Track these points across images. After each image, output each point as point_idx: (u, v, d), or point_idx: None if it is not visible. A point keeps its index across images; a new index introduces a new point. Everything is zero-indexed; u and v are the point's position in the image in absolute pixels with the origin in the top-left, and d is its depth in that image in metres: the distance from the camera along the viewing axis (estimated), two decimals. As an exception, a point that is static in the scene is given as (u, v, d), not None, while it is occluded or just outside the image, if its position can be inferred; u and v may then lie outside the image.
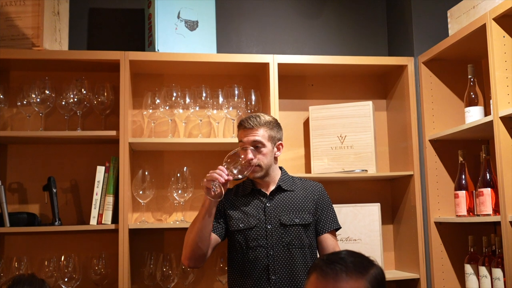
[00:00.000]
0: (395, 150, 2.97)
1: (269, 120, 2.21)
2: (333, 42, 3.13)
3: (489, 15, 2.24)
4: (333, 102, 2.95)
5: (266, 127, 2.18)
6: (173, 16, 2.73)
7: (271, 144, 2.19)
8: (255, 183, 2.24)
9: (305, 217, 2.18)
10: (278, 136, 2.23)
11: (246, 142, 2.16)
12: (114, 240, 2.53)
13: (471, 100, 2.51)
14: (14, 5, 2.56)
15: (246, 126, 2.17)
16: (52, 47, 2.61)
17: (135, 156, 2.78)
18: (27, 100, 2.62)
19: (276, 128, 2.22)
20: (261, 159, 2.16)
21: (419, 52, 2.83)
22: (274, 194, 2.22)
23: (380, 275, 1.39)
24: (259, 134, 2.16)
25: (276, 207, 2.19)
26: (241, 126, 2.20)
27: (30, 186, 2.72)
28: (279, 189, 2.23)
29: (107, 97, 2.68)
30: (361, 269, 1.36)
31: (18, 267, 2.50)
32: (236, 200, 2.24)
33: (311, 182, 2.30)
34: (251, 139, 2.15)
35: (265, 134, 2.17)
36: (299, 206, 2.20)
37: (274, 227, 2.15)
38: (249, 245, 2.14)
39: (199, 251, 2.10)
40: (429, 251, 2.71)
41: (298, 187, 2.26)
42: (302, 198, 2.23)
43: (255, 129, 2.16)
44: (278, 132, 2.23)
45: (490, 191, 2.37)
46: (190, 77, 2.87)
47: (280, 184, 2.23)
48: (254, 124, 2.16)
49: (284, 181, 2.25)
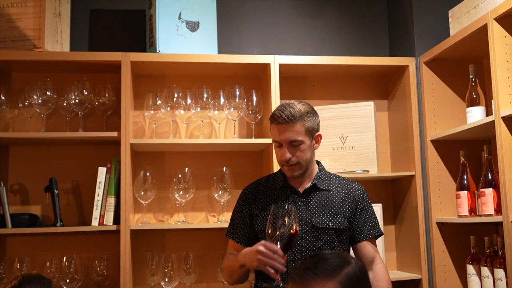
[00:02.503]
0: (396, 150, 2.97)
1: (305, 111, 1.96)
2: (334, 42, 3.13)
3: (490, 15, 2.23)
4: (334, 102, 2.95)
5: (302, 120, 1.94)
6: (174, 17, 2.73)
7: (310, 138, 1.97)
8: (287, 179, 2.06)
9: (340, 221, 2.00)
10: (316, 126, 2.00)
11: (283, 141, 1.94)
12: (116, 241, 2.53)
13: (472, 100, 2.51)
14: (16, 7, 2.57)
15: (280, 122, 1.93)
16: (54, 48, 2.61)
17: (137, 157, 2.78)
18: (28, 101, 2.62)
19: (313, 118, 1.98)
20: (299, 156, 1.95)
21: (421, 52, 2.83)
22: (308, 192, 2.03)
23: (355, 274, 1.34)
24: (295, 130, 1.93)
25: (309, 207, 2.01)
26: (274, 121, 1.97)
27: (31, 187, 2.73)
28: (314, 187, 2.04)
29: (109, 98, 2.68)
30: (331, 271, 1.33)
31: (20, 268, 2.51)
32: (264, 196, 2.07)
33: (351, 182, 2.12)
34: (288, 137, 1.93)
35: (301, 129, 1.94)
36: (334, 208, 2.01)
37: (305, 230, 1.97)
38: None
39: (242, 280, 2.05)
40: (431, 251, 2.70)
41: (336, 187, 2.07)
42: (338, 200, 2.04)
43: (290, 124, 1.92)
44: (315, 122, 1.99)
45: (492, 191, 2.37)
46: (191, 78, 2.87)
47: (316, 182, 2.04)
48: (289, 119, 1.92)
49: (320, 178, 2.06)
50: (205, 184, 2.80)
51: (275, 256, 1.74)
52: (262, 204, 2.06)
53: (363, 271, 1.37)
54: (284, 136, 1.94)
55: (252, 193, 2.10)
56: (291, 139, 1.94)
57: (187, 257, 2.63)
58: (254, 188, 2.12)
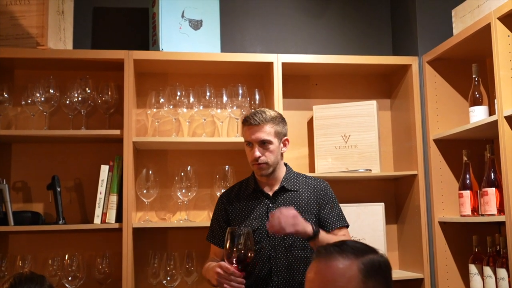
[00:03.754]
0: (399, 149, 2.97)
1: (275, 116, 2.15)
2: (337, 41, 3.13)
3: (493, 15, 2.23)
4: (337, 101, 2.95)
5: (272, 123, 2.12)
6: (177, 15, 2.73)
7: (278, 140, 2.14)
8: (257, 183, 2.21)
9: (307, 219, 2.10)
10: (284, 131, 2.18)
11: (253, 140, 2.11)
12: (118, 239, 2.53)
13: (475, 100, 2.50)
14: (19, 4, 2.57)
15: (252, 123, 2.11)
16: (57, 46, 2.61)
17: (139, 155, 2.78)
18: (31, 99, 2.62)
19: (281, 123, 2.17)
20: (268, 156, 2.11)
21: (424, 52, 2.82)
22: (277, 194, 2.18)
23: (379, 262, 1.32)
24: (265, 131, 2.10)
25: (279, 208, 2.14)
26: (246, 123, 2.14)
27: (34, 185, 2.73)
28: (282, 189, 2.19)
29: (111, 96, 2.68)
30: (357, 252, 1.32)
31: (22, 265, 2.51)
32: (238, 201, 2.21)
33: (315, 180, 2.25)
34: (258, 137, 2.10)
35: (271, 130, 2.12)
36: (302, 207, 2.15)
37: None
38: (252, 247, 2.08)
39: None
40: (433, 251, 2.70)
41: (302, 186, 2.21)
42: (305, 199, 2.18)
43: (261, 125, 2.10)
44: (283, 127, 2.18)
45: (494, 191, 2.36)
46: (194, 76, 2.87)
47: (284, 184, 2.19)
48: (260, 121, 2.10)
49: (288, 180, 2.21)
50: (207, 182, 2.80)
51: (231, 278, 1.91)
52: (236, 208, 2.21)
53: (387, 265, 1.35)
54: (255, 136, 2.11)
55: (227, 198, 2.24)
56: (262, 138, 2.11)
57: (189, 256, 2.63)
58: (229, 194, 2.27)
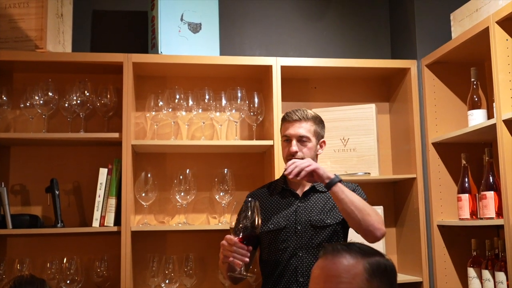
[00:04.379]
0: (398, 153, 2.97)
1: (315, 116, 2.16)
2: (336, 44, 3.13)
3: (492, 18, 2.23)
4: (336, 104, 2.95)
5: (312, 121, 2.13)
6: (176, 18, 2.73)
7: (316, 140, 2.13)
8: (287, 182, 2.18)
9: (336, 215, 2.09)
10: (322, 133, 2.18)
11: (293, 135, 2.10)
12: (117, 242, 2.52)
13: (474, 103, 2.51)
14: (18, 7, 2.57)
15: (293, 118, 2.11)
16: (56, 49, 2.61)
17: (138, 158, 2.78)
18: (30, 102, 2.62)
19: (321, 125, 2.17)
20: (305, 153, 2.09)
21: (422, 55, 2.83)
22: (307, 194, 2.15)
23: (385, 264, 1.31)
24: (305, 128, 2.10)
25: (308, 208, 2.12)
26: (287, 118, 2.14)
27: (32, 188, 2.73)
28: (313, 189, 2.16)
29: (110, 99, 2.68)
30: (364, 252, 1.31)
31: (20, 269, 2.50)
32: (266, 200, 2.19)
33: (346, 183, 2.20)
34: (298, 132, 2.09)
35: (311, 128, 2.11)
36: (330, 205, 2.12)
37: (304, 228, 2.09)
38: (279, 246, 2.08)
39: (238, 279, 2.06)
40: (432, 254, 2.70)
41: None
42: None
43: (302, 121, 2.10)
44: (322, 129, 2.18)
45: (493, 194, 2.36)
46: (193, 80, 2.88)
47: (315, 185, 2.15)
48: (302, 117, 2.11)
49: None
50: (206, 185, 2.80)
51: (233, 248, 1.84)
52: (264, 206, 2.16)
53: (393, 268, 1.34)
54: (294, 130, 2.10)
55: (255, 196, 2.19)
56: (301, 134, 2.10)
57: (188, 259, 2.63)
58: (257, 193, 2.25)
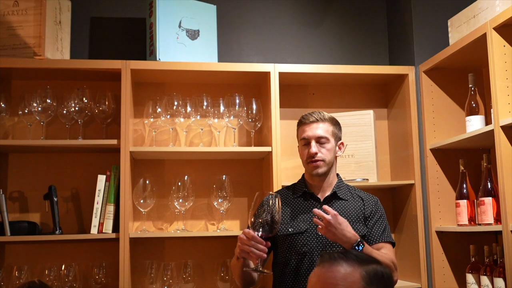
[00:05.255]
0: (396, 159, 2.97)
1: (332, 117, 2.16)
2: (334, 51, 3.14)
3: (489, 25, 2.24)
4: (334, 111, 2.94)
5: (329, 122, 2.12)
6: (174, 25, 2.74)
7: (335, 141, 2.13)
8: (308, 185, 2.17)
9: (359, 228, 2.08)
10: (340, 134, 2.18)
11: (311, 136, 2.09)
12: (115, 249, 2.52)
13: (472, 109, 2.51)
14: (16, 15, 2.57)
15: (310, 120, 2.11)
16: (54, 56, 2.62)
17: (136, 165, 2.78)
18: (28, 109, 2.62)
19: (338, 126, 2.17)
20: (325, 153, 2.09)
21: (420, 61, 2.84)
22: (328, 200, 2.14)
23: (382, 272, 1.32)
24: (323, 128, 2.10)
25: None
26: (303, 120, 2.14)
27: (31, 195, 2.73)
28: (334, 196, 2.15)
29: (108, 106, 2.69)
30: (361, 260, 1.31)
31: (18, 276, 2.50)
32: (287, 202, 2.16)
33: (366, 194, 2.22)
34: (316, 133, 2.09)
35: (329, 128, 2.11)
36: (353, 216, 2.11)
37: None
38: (298, 250, 2.05)
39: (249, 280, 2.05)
40: (430, 260, 2.70)
41: (353, 197, 2.18)
42: (356, 209, 2.14)
43: (319, 122, 2.10)
44: (339, 131, 2.18)
45: (491, 200, 2.37)
46: (191, 86, 2.88)
47: (336, 191, 2.15)
48: (319, 118, 2.11)
49: (340, 188, 2.17)
50: (204, 192, 2.80)
51: (251, 243, 1.82)
52: (284, 208, 2.14)
53: (390, 277, 1.35)
54: (312, 132, 2.10)
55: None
56: (319, 135, 2.10)
57: (186, 265, 2.63)
58: (280, 193, 2.20)
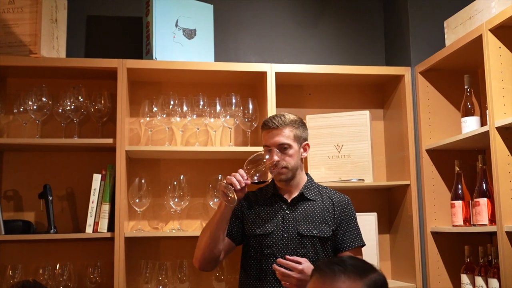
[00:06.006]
0: (392, 159, 2.98)
1: (294, 119, 2.13)
2: (330, 51, 3.14)
3: (485, 26, 2.25)
4: (330, 111, 2.96)
5: (291, 126, 2.10)
6: (171, 24, 2.74)
7: (298, 145, 2.11)
8: (276, 188, 2.18)
9: (324, 230, 2.09)
10: (304, 135, 2.15)
11: (273, 144, 2.07)
12: (110, 248, 2.51)
13: (467, 110, 2.52)
14: (12, 12, 2.56)
15: (271, 126, 2.09)
16: (50, 54, 2.61)
17: (132, 164, 2.77)
18: (23, 107, 2.61)
19: (301, 127, 2.14)
20: (288, 160, 2.08)
21: (416, 62, 2.84)
22: (296, 202, 2.14)
23: (381, 281, 1.37)
24: (284, 135, 2.08)
25: (296, 216, 2.11)
26: (265, 127, 2.12)
27: (25, 193, 2.71)
28: (301, 197, 2.15)
29: (104, 105, 2.68)
30: (360, 272, 1.35)
31: (12, 275, 2.49)
32: (256, 203, 2.18)
33: (338, 194, 2.21)
34: (276, 141, 2.07)
35: (290, 134, 2.09)
36: (319, 217, 2.11)
37: (291, 236, 2.08)
38: (264, 252, 2.07)
39: (211, 254, 2.06)
40: (425, 260, 2.70)
41: (322, 197, 2.17)
42: (324, 210, 2.14)
43: (280, 129, 2.08)
44: (304, 132, 2.15)
45: (486, 201, 2.37)
46: (187, 85, 2.88)
47: (303, 191, 2.15)
48: (279, 124, 2.08)
49: (308, 188, 2.17)
50: (200, 191, 2.79)
51: (235, 174, 1.95)
52: (253, 210, 2.17)
53: (385, 281, 1.39)
54: (274, 140, 2.08)
55: (246, 199, 2.20)
56: (281, 142, 2.08)
57: (181, 265, 2.62)
58: (248, 195, 2.22)
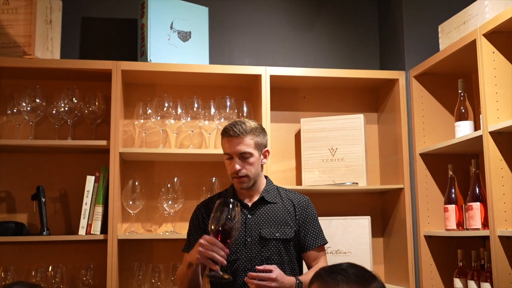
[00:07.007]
0: (385, 163, 2.98)
1: (255, 127, 2.09)
2: (325, 55, 3.15)
3: (479, 31, 2.26)
4: (324, 114, 2.96)
5: (252, 134, 2.06)
6: (166, 26, 2.73)
7: (258, 152, 2.09)
8: (236, 193, 2.16)
9: (286, 232, 2.09)
10: (264, 142, 2.13)
11: (233, 152, 2.05)
12: (103, 250, 2.51)
13: (461, 115, 2.53)
14: (6, 13, 2.56)
15: (232, 135, 2.05)
16: (44, 55, 2.60)
17: (126, 166, 2.77)
18: (17, 108, 2.60)
19: (262, 134, 2.11)
20: (248, 169, 2.06)
21: (411, 66, 2.85)
22: (256, 206, 2.13)
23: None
24: (245, 143, 2.05)
25: (257, 220, 2.10)
26: (225, 134, 2.08)
27: (18, 195, 2.70)
28: (262, 200, 2.14)
29: (98, 107, 2.67)
30: (363, 281, 1.34)
31: (4, 277, 2.48)
32: None
33: (297, 195, 2.21)
34: (238, 150, 2.04)
35: (251, 142, 2.06)
36: (281, 219, 2.11)
37: (254, 240, 2.07)
38: (229, 258, 2.00)
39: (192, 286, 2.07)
40: (418, 264, 2.71)
41: (283, 199, 2.17)
42: (285, 212, 2.14)
43: (241, 137, 2.04)
44: (263, 138, 2.12)
45: (479, 205, 2.38)
46: (182, 88, 2.87)
47: (264, 195, 2.14)
48: (240, 132, 2.04)
49: (268, 192, 2.16)
50: (194, 194, 2.79)
51: (214, 248, 1.83)
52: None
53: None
54: (235, 148, 2.05)
55: (205, 208, 2.18)
56: (242, 151, 2.05)
57: (174, 268, 2.61)
58: (207, 204, 2.19)
